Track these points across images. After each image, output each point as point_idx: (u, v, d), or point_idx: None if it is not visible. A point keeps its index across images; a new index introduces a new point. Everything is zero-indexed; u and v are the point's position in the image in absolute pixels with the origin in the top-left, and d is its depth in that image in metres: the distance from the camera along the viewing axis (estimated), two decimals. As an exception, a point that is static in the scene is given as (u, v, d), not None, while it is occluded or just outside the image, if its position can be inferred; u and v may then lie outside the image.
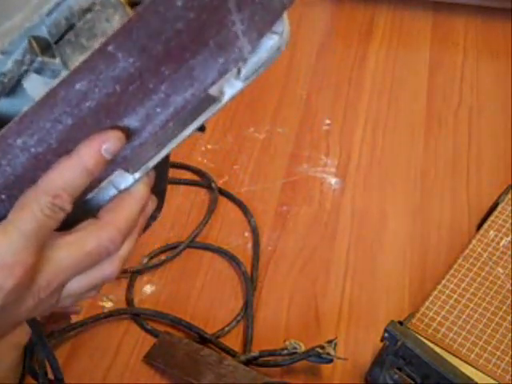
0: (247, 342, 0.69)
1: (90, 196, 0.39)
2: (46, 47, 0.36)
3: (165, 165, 0.43)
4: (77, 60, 0.34)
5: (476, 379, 0.59)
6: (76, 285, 0.39)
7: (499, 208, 0.76)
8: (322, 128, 0.92)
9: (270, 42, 0.38)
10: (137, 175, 0.40)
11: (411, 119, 0.94)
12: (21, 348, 0.60)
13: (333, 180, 0.86)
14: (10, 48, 0.35)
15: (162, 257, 0.77)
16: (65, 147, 0.35)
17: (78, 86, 0.34)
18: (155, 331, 0.70)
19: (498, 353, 0.63)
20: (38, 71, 0.35)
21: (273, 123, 0.93)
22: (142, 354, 0.69)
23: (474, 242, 0.72)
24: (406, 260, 0.77)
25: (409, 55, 1.04)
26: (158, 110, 0.36)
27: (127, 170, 0.40)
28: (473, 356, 0.62)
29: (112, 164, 0.38)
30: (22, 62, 0.35)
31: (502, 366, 0.62)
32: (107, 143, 0.36)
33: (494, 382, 0.60)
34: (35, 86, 0.36)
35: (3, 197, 0.36)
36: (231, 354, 0.68)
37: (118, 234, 0.38)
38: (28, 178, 0.36)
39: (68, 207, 0.36)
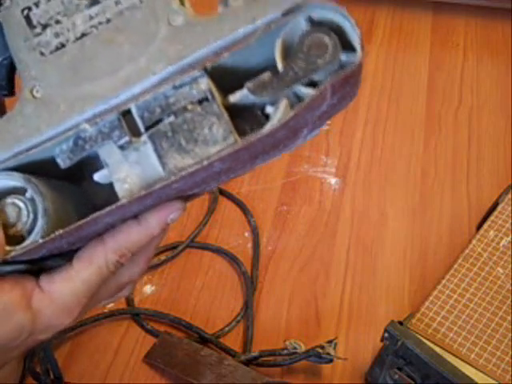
0: (247, 341, 0.69)
1: None
2: (133, 126, 0.37)
3: None
4: (173, 158, 0.36)
5: (476, 379, 0.59)
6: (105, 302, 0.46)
7: (499, 208, 0.76)
8: (321, 128, 0.92)
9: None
10: None
11: (411, 119, 0.94)
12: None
13: (333, 180, 0.86)
14: (95, 119, 0.37)
15: (162, 257, 0.77)
16: (134, 216, 0.39)
17: (173, 186, 0.36)
18: (155, 331, 0.70)
19: (498, 353, 0.63)
20: (122, 147, 0.37)
21: (273, 123, 0.93)
22: (142, 354, 0.69)
23: (474, 242, 0.72)
24: (406, 260, 0.77)
25: (409, 55, 1.04)
26: (219, 182, 0.41)
27: None
28: (473, 356, 0.62)
29: None
30: (109, 135, 0.36)
31: (502, 366, 0.62)
32: (173, 214, 0.39)
33: (493, 382, 0.60)
34: (108, 154, 0.37)
35: (65, 246, 0.39)
36: (231, 354, 0.68)
37: (146, 265, 0.44)
38: (93, 236, 0.40)
39: (126, 263, 0.41)
